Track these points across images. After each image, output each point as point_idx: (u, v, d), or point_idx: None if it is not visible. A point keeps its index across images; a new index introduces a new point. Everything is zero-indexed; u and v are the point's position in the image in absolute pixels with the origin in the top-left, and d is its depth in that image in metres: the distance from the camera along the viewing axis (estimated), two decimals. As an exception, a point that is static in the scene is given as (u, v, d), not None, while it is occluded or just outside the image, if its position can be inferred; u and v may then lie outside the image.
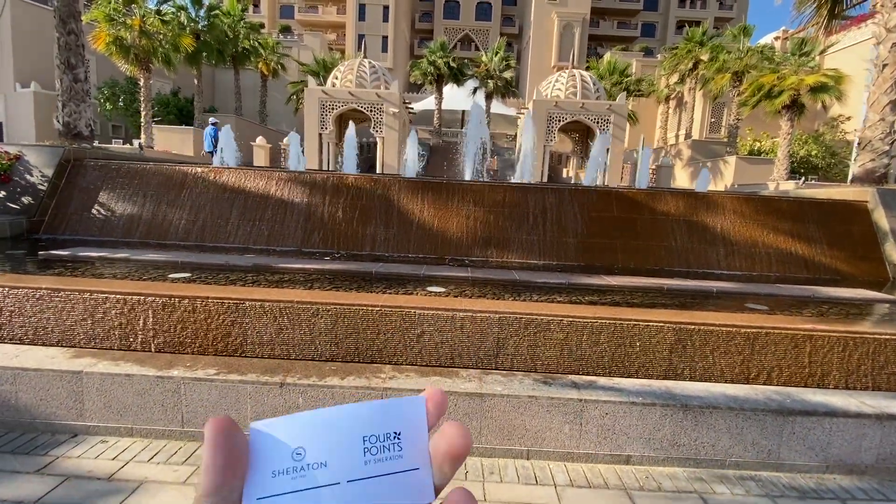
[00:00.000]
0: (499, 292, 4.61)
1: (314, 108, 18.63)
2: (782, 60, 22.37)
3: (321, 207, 7.14)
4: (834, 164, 24.20)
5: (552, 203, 7.27)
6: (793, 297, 5.10)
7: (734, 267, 6.95)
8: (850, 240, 7.31)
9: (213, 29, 24.40)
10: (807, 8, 10.11)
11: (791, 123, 21.05)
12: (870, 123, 8.45)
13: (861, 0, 10.53)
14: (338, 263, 5.54)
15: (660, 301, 4.62)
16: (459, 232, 7.01)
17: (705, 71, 27.84)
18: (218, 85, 36.23)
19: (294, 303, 3.70)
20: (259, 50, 29.86)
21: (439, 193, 7.28)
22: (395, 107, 18.36)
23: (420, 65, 33.82)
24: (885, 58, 8.17)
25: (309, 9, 59.13)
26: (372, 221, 7.03)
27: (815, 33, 25.44)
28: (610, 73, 30.84)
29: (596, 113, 18.74)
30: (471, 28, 58.81)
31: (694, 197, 7.49)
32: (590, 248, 6.99)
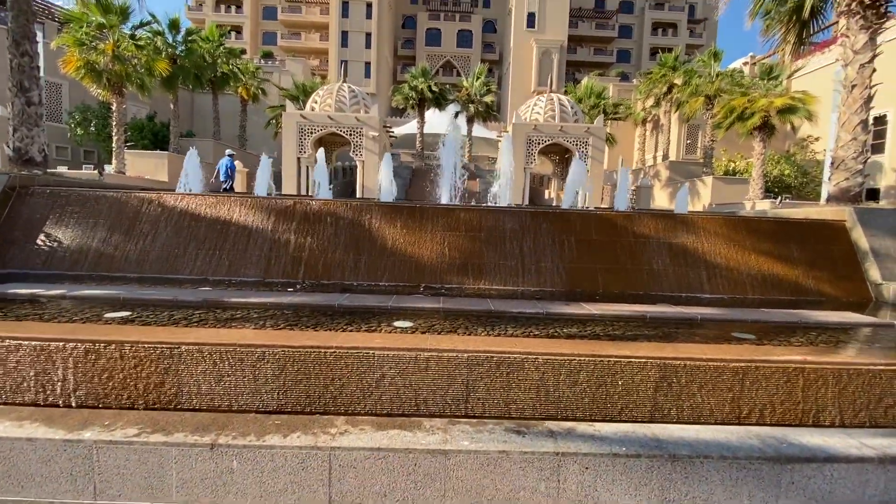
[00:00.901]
0: (471, 326, 4.27)
1: (292, 132, 18.38)
2: (752, 84, 23.14)
3: (287, 234, 6.76)
4: (806, 183, 24.83)
5: (530, 226, 7.03)
6: (779, 323, 4.87)
7: (717, 290, 6.75)
8: (830, 259, 7.20)
9: (190, 54, 24.23)
10: (774, 34, 10.33)
11: (763, 144, 21.61)
12: (842, 143, 8.52)
13: (825, 27, 10.82)
14: (299, 295, 5.13)
15: (642, 332, 4.33)
16: (435, 258, 6.68)
17: (679, 94, 28.66)
18: (197, 109, 35.89)
19: (237, 346, 3.29)
20: (239, 75, 29.76)
21: (414, 218, 6.98)
22: (374, 130, 18.25)
23: (402, 90, 34.14)
24: (854, 78, 8.30)
25: (292, 35, 59.82)
26: (341, 248, 6.66)
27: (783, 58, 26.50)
28: (587, 96, 31.54)
29: (574, 135, 18.92)
30: (452, 54, 60.16)
31: (674, 219, 7.34)
32: (570, 272, 6.73)
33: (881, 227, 7.12)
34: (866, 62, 8.18)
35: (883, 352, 4.09)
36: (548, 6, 54.07)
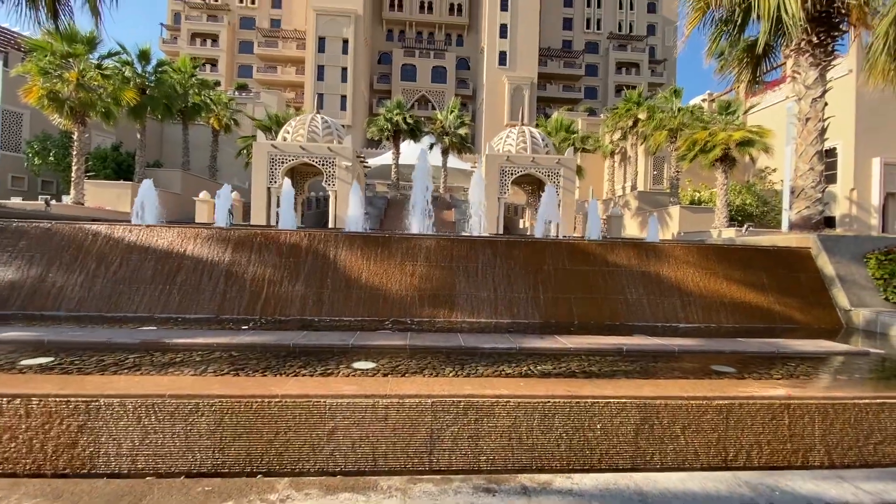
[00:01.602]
0: (439, 365, 3.94)
1: (263, 161, 18.05)
2: (711, 119, 24.35)
3: (245, 267, 6.34)
4: (767, 212, 25.90)
5: (503, 256, 6.83)
6: (757, 353, 4.73)
7: (692, 318, 6.65)
8: (799, 286, 7.25)
9: (160, 84, 23.83)
10: (729, 73, 10.83)
11: (725, 175, 22.53)
12: (801, 173, 8.81)
13: (776, 66, 11.41)
14: (252, 334, 4.70)
15: (620, 367, 4.09)
16: (404, 290, 6.37)
17: (644, 128, 29.89)
18: (166, 139, 35.17)
19: (167, 397, 2.87)
20: (211, 105, 29.44)
21: (382, 248, 6.69)
22: (348, 160, 18.11)
23: (377, 121, 34.46)
24: (807, 112, 8.68)
25: (267, 69, 60.28)
26: (304, 281, 6.28)
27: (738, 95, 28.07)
28: (558, 130, 32.54)
29: (546, 166, 19.26)
30: (427, 90, 61.65)
31: (646, 247, 7.30)
32: (544, 302, 6.51)
33: (845, 254, 7.26)
34: (818, 97, 8.60)
35: (865, 383, 3.97)
36: (518, 46, 56.55)
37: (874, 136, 23.10)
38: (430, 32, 64.71)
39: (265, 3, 62.84)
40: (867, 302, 6.89)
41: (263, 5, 62.74)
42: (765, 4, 8.01)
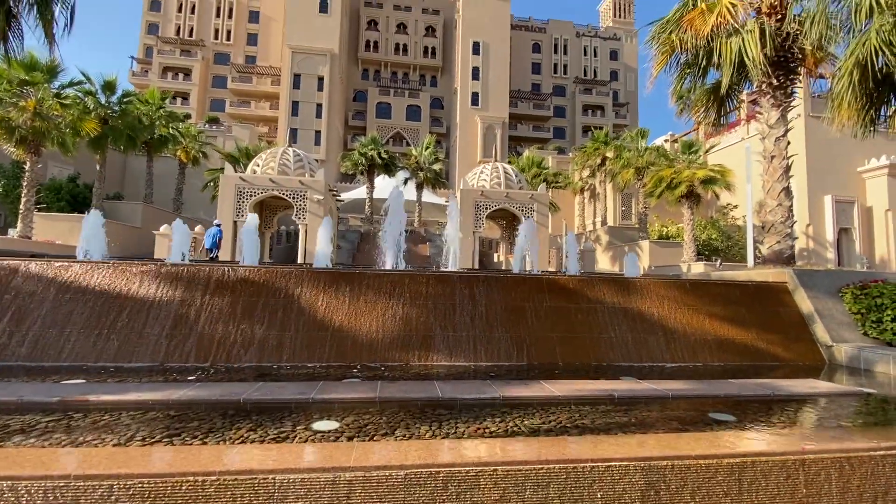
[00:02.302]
0: (413, 422, 3.44)
1: (229, 194, 17.38)
2: (675, 158, 25.43)
3: (198, 308, 5.72)
4: (731, 247, 26.79)
5: (481, 293, 6.46)
6: (752, 397, 4.45)
7: (678, 357, 6.38)
8: (779, 322, 7.16)
9: (124, 115, 23.09)
10: (692, 114, 11.22)
11: (691, 211, 23.30)
12: (769, 208, 8.99)
13: (738, 106, 11.88)
14: (197, 388, 4.08)
15: (614, 418, 3.70)
16: (374, 331, 5.86)
17: (612, 166, 30.95)
18: (130, 171, 33.93)
19: (72, 479, 2.28)
20: (179, 137, 28.70)
21: (351, 285, 6.21)
22: (319, 194, 17.68)
23: (351, 156, 34.45)
24: (772, 150, 8.96)
25: (241, 103, 60.12)
26: (264, 323, 5.69)
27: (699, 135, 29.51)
28: (529, 166, 33.32)
29: (520, 201, 19.38)
30: (402, 127, 62.71)
31: (626, 283, 7.10)
32: (524, 342, 6.12)
33: (821, 289, 7.26)
34: (781, 135, 8.91)
35: (873, 430, 3.71)
36: (490, 87, 58.75)
37: (824, 175, 24.60)
38: (405, 73, 66.58)
39: (241, 40, 63.50)
40: (846, 337, 6.84)
41: (239, 42, 63.35)
42: (727, 49, 8.36)
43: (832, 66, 9.47)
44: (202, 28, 62.70)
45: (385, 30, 64.98)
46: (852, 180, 25.34)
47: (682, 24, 8.79)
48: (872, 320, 6.70)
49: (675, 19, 9.14)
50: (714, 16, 8.22)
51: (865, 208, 25.28)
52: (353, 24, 63.69)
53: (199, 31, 62.42)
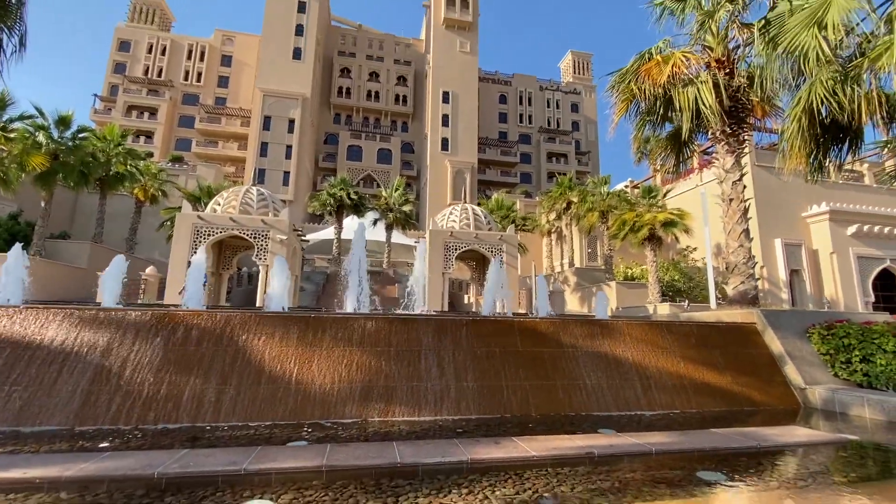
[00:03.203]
0: (366, 498, 2.89)
1: (186, 233, 16.46)
2: (636, 202, 26.44)
3: (125, 358, 4.99)
4: (693, 287, 27.55)
5: (448, 338, 6.02)
6: (738, 449, 4.13)
7: (655, 404, 6.06)
8: (752, 364, 7.02)
9: (77, 150, 22.03)
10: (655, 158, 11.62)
11: (654, 253, 23.95)
12: (731, 249, 9.15)
13: (689, 156, 12.37)
14: (105, 458, 3.37)
15: (596, 483, 3.26)
16: (330, 382, 5.26)
17: (577, 210, 31.87)
18: (80, 209, 32.12)
19: None
20: (137, 175, 27.56)
21: (306, 331, 5.64)
22: (283, 233, 17.02)
23: (320, 196, 34.05)
24: (730, 193, 9.25)
25: (208, 143, 59.32)
26: (201, 375, 5.00)
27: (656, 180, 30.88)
28: (498, 209, 33.86)
29: (489, 242, 19.34)
30: (373, 169, 63.22)
31: (599, 325, 6.84)
32: (495, 392, 5.66)
33: (788, 330, 7.23)
34: (737, 179, 9.25)
35: (869, 485, 3.42)
36: (459, 134, 60.69)
37: (773, 219, 26.07)
38: (377, 118, 68.09)
39: (211, 82, 63.63)
40: (818, 378, 6.74)
41: (210, 84, 63.42)
42: (684, 97, 8.75)
43: (778, 117, 10.09)
44: (172, 69, 62.60)
45: (358, 77, 66.87)
46: (798, 225, 26.96)
47: (640, 73, 9.20)
48: (841, 361, 6.66)
49: (633, 70, 9.57)
50: (669, 66, 8.65)
51: (812, 251, 26.77)
52: (327, 71, 65.27)
53: (168, 72, 62.23)
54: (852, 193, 27.73)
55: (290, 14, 55.79)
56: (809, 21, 6.52)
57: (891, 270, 25.82)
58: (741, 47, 9.24)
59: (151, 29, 64.62)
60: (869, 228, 25.51)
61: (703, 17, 9.25)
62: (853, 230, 25.48)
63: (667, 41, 9.63)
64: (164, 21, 68.85)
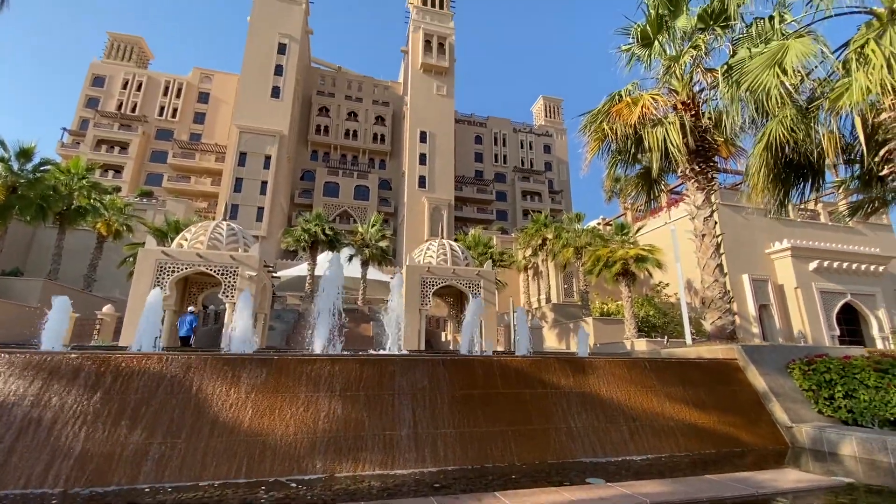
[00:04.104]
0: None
1: (148, 270, 15.62)
2: (609, 239, 26.98)
3: (57, 408, 4.39)
4: (667, 323, 27.83)
5: (424, 380, 5.62)
6: (737, 499, 3.86)
7: (643, 447, 5.75)
8: (736, 402, 6.86)
9: (37, 183, 21.09)
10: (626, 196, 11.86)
11: (629, 289, 24.21)
12: (707, 284, 9.20)
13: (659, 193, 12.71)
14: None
15: (591, 545, 2.90)
16: (293, 433, 4.76)
17: (553, 246, 32.29)
18: (37, 244, 30.45)
19: None
20: (101, 210, 26.49)
21: (267, 374, 5.16)
22: (252, 270, 16.38)
23: (293, 232, 33.44)
24: (702, 229, 9.41)
25: (180, 178, 58.24)
26: (146, 426, 4.43)
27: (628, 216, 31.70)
28: (476, 245, 33.95)
29: (467, 278, 19.14)
30: (350, 206, 63.09)
31: (582, 364, 6.58)
32: (475, 439, 5.24)
33: (770, 365, 7.15)
34: (708, 215, 9.45)
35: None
36: (436, 171, 61.69)
37: (739, 256, 26.95)
38: (355, 156, 68.71)
39: (187, 117, 63.29)
40: (803, 416, 6.61)
41: (185, 119, 63.04)
42: (653, 137, 9.02)
43: (742, 157, 10.51)
44: (147, 104, 62.12)
45: (336, 116, 67.87)
46: (762, 261, 27.96)
47: (611, 114, 9.50)
48: (825, 397, 6.57)
49: (604, 110, 9.89)
50: (639, 107, 8.96)
51: (778, 286, 27.68)
52: (305, 110, 66.06)
53: (143, 107, 61.69)
54: (810, 231, 29.16)
55: (270, 55, 56.83)
56: (770, 62, 6.90)
57: (852, 304, 26.83)
58: (705, 90, 9.71)
59: (128, 65, 64.51)
60: (829, 264, 26.66)
61: (668, 62, 9.73)
62: (814, 265, 26.56)
63: (635, 84, 10.05)
64: (142, 58, 69.00)
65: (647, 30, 9.93)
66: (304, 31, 61.21)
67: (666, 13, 9.71)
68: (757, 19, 8.49)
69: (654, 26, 9.81)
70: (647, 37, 9.98)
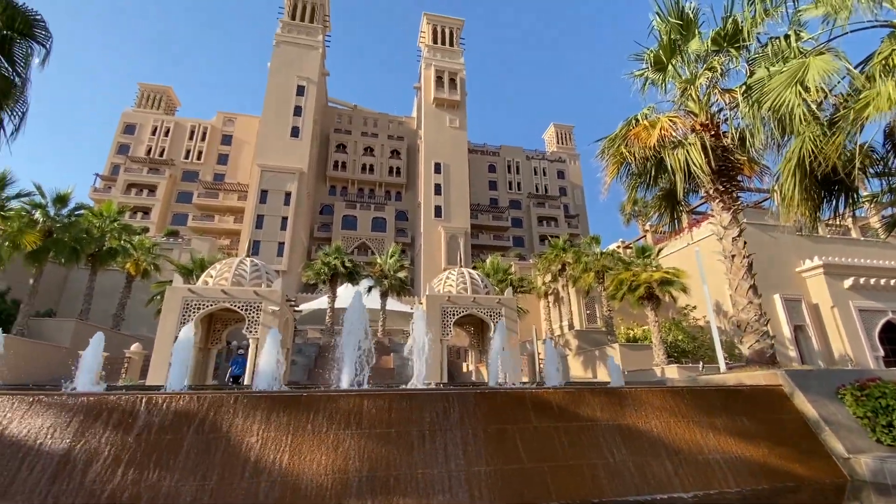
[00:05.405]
0: None
1: (175, 307, 15.93)
2: (631, 262, 26.49)
3: (92, 451, 4.39)
4: (697, 348, 26.78)
5: (454, 415, 5.46)
6: (802, 540, 3.54)
7: (688, 484, 5.41)
8: (785, 432, 6.45)
9: (71, 227, 22.03)
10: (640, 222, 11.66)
11: (654, 313, 23.52)
12: (741, 307, 8.86)
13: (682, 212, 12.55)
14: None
15: None
16: (322, 473, 4.64)
17: (572, 271, 31.84)
18: (70, 285, 31.54)
19: None
20: (130, 250, 27.43)
21: (297, 412, 5.09)
22: (275, 304, 16.55)
23: (313, 265, 33.89)
24: (731, 249, 9.15)
25: (204, 217, 60.22)
26: (177, 469, 4.38)
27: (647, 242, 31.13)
28: (494, 272, 33.74)
29: (487, 306, 18.92)
30: (367, 237, 64.00)
31: (616, 394, 6.32)
32: (510, 476, 5.02)
33: (818, 391, 6.75)
34: (736, 235, 9.20)
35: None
36: (451, 201, 62.44)
37: (767, 275, 26.04)
38: (371, 189, 70.20)
39: (211, 159, 66.07)
40: (860, 446, 6.16)
41: (209, 161, 65.79)
42: (675, 159, 8.96)
43: (766, 175, 10.32)
44: (174, 148, 65.21)
45: (353, 152, 69.91)
46: (793, 280, 26.95)
47: (629, 137, 9.51)
48: (882, 425, 6.13)
49: (621, 134, 9.91)
50: (657, 130, 8.95)
51: (812, 305, 26.53)
52: (323, 147, 68.30)
53: (170, 151, 64.76)
54: (841, 247, 28.13)
55: (289, 96, 59.42)
56: (791, 81, 6.85)
57: (895, 322, 25.45)
58: (724, 110, 9.66)
59: (156, 113, 68.24)
60: (865, 281, 25.54)
61: (683, 85, 9.78)
62: (850, 283, 25.47)
63: (651, 108, 10.09)
64: (170, 106, 72.97)
65: (659, 55, 10.04)
66: (320, 72, 64.07)
67: (678, 37, 9.83)
68: (772, 39, 8.51)
69: (666, 51, 9.92)
70: (661, 61, 10.07)
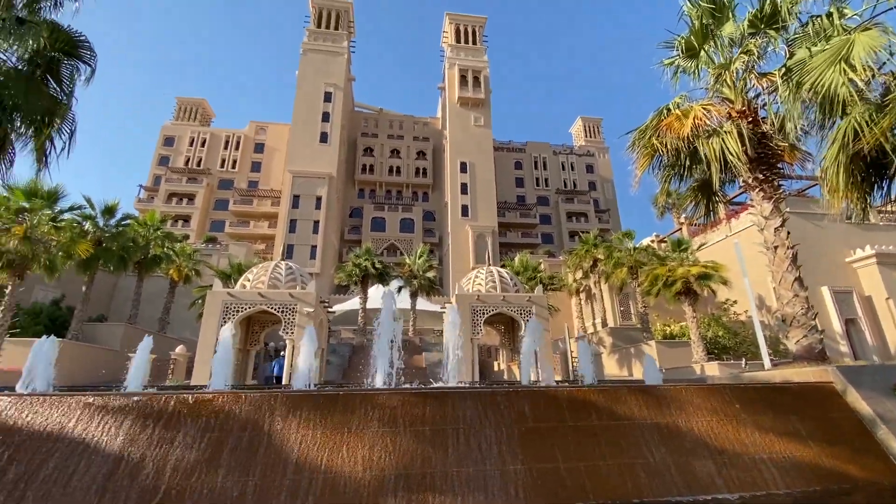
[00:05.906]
0: None
1: (216, 310, 16.64)
2: (666, 256, 25.64)
3: (140, 450, 4.65)
4: (739, 344, 25.63)
5: (489, 414, 5.47)
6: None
7: (734, 485, 5.21)
8: (837, 431, 6.11)
9: (119, 236, 23.34)
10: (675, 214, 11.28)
11: (692, 308, 22.67)
12: (786, 300, 8.44)
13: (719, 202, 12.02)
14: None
15: None
16: (359, 471, 4.75)
17: (604, 267, 31.10)
18: (119, 292, 33.42)
19: None
20: (173, 256, 28.83)
21: (333, 411, 5.23)
22: (310, 306, 17.00)
23: (345, 267, 34.61)
24: (773, 240, 8.73)
25: (240, 223, 62.47)
26: (222, 466, 4.59)
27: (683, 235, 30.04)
28: (524, 270, 33.43)
29: (517, 304, 18.78)
30: (396, 239, 64.71)
31: (654, 393, 6.17)
32: (546, 476, 4.98)
33: (873, 388, 6.36)
34: (779, 226, 8.77)
35: None
36: (478, 200, 62.29)
37: (815, 267, 24.64)
38: (399, 191, 70.94)
39: (245, 167, 68.50)
40: (923, 447, 5.76)
41: (243, 169, 68.22)
42: (710, 148, 8.63)
43: (808, 161, 9.79)
44: (210, 158, 67.98)
45: (380, 155, 70.85)
46: (842, 271, 25.42)
47: (660, 128, 9.22)
48: (949, 425, 5.71)
49: (653, 125, 9.63)
50: (690, 119, 8.65)
51: (864, 297, 24.94)
52: (351, 151, 69.55)
53: (206, 160, 67.57)
54: (893, 234, 26.32)
55: (317, 103, 60.82)
56: (834, 59, 6.48)
57: (959, 314, 23.59)
58: (762, 95, 9.23)
59: (193, 125, 71.32)
60: (925, 270, 23.79)
61: (717, 70, 9.40)
62: (907, 273, 23.79)
63: (684, 96, 9.76)
64: (205, 117, 76.10)
65: (691, 40, 9.68)
66: (346, 78, 65.23)
67: (710, 22, 9.45)
68: (813, 17, 8.07)
69: (698, 36, 9.55)
70: (693, 47, 9.72)
